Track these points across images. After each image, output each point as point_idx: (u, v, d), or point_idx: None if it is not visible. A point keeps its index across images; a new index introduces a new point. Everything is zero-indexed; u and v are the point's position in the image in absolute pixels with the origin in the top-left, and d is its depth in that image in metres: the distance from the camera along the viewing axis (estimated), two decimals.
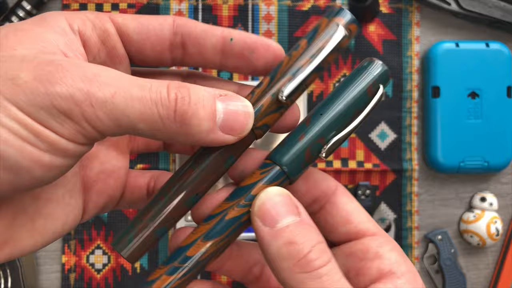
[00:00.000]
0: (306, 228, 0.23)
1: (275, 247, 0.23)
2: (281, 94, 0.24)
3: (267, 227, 0.23)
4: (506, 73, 0.55)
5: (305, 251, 0.22)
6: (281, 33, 0.56)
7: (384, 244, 0.26)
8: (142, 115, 0.20)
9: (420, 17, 0.57)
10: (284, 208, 0.23)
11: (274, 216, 0.23)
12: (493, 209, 0.56)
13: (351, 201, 0.27)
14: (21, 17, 0.53)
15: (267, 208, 0.23)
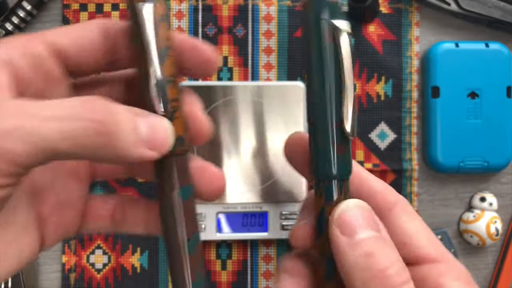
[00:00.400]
0: (385, 244, 0.22)
1: (352, 257, 0.22)
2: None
3: (345, 237, 0.22)
4: (506, 73, 0.55)
5: (385, 264, 0.22)
6: (281, 33, 0.56)
7: (447, 273, 0.24)
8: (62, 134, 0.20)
9: (420, 17, 0.57)
10: (365, 221, 0.23)
11: (354, 226, 0.23)
12: (493, 209, 0.56)
13: (411, 220, 0.25)
14: (21, 17, 0.53)
15: (347, 217, 0.23)
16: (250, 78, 0.56)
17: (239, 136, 0.54)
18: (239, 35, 0.56)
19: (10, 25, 0.53)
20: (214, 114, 0.53)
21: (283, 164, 0.54)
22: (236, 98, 0.54)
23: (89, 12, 0.55)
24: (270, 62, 0.56)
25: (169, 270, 0.24)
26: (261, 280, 0.56)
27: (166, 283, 0.55)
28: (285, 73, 0.56)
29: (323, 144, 0.24)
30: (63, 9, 0.55)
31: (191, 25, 0.55)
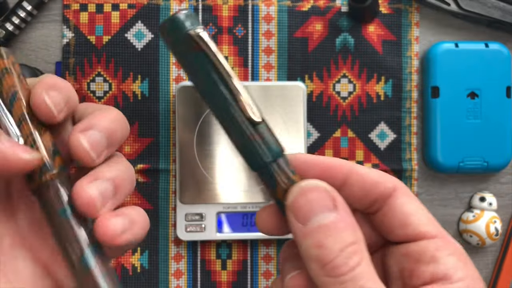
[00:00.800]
0: (338, 228, 0.22)
1: (304, 247, 0.23)
2: None
3: (299, 223, 0.23)
4: (506, 73, 0.56)
5: (331, 256, 0.22)
6: (281, 33, 0.56)
7: (443, 248, 0.25)
8: None
9: (419, 18, 0.57)
10: (318, 204, 0.23)
11: (307, 213, 0.23)
12: (493, 209, 0.56)
13: (410, 202, 0.26)
14: (21, 17, 0.53)
15: (299, 204, 0.23)
16: (250, 78, 0.56)
17: None
18: (239, 35, 0.56)
19: (10, 25, 0.53)
20: None
21: None
22: None
23: (89, 12, 0.55)
24: (270, 62, 0.56)
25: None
26: (261, 280, 0.56)
27: (166, 283, 0.55)
28: (285, 73, 0.56)
29: (239, 139, 0.25)
30: (63, 9, 0.55)
31: None
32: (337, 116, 0.56)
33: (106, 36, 0.55)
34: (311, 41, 0.56)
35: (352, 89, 0.56)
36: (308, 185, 0.23)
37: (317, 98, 0.56)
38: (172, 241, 0.55)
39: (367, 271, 0.23)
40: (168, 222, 0.55)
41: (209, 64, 0.24)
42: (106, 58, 0.55)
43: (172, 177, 0.55)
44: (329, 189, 0.23)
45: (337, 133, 0.56)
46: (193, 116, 0.54)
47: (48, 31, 0.55)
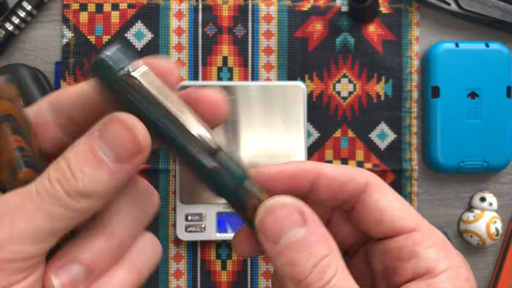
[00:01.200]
0: (309, 243, 0.22)
1: (278, 265, 0.22)
2: None
3: (270, 243, 0.22)
4: (506, 73, 0.55)
5: (305, 273, 0.22)
6: (281, 33, 0.56)
7: (422, 241, 0.24)
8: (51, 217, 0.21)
9: (420, 17, 0.57)
10: (286, 221, 0.22)
11: (276, 231, 0.22)
12: (493, 209, 0.56)
13: (383, 197, 0.25)
14: (21, 17, 0.53)
15: (268, 223, 0.22)
16: (250, 78, 0.56)
17: (239, 136, 0.54)
18: (239, 35, 0.56)
19: (10, 25, 0.53)
20: None
21: None
22: (236, 98, 0.54)
23: (89, 12, 0.55)
24: (270, 62, 0.56)
25: None
26: (261, 280, 0.56)
27: (166, 283, 0.55)
28: (285, 73, 0.56)
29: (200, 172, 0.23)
30: (63, 9, 0.55)
31: (191, 25, 0.55)
32: (337, 116, 0.56)
33: (106, 36, 0.55)
34: (311, 41, 0.56)
35: (352, 89, 0.56)
36: (274, 203, 0.23)
37: (317, 98, 0.56)
38: (172, 241, 0.55)
39: (343, 280, 0.22)
40: (168, 222, 0.55)
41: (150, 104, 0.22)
42: None
43: (172, 177, 0.55)
44: (295, 204, 0.23)
45: (337, 133, 0.56)
46: None
47: (48, 31, 0.55)
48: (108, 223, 0.23)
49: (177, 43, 0.55)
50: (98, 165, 0.21)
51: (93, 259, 0.23)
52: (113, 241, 0.23)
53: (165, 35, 0.55)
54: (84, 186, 0.21)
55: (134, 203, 0.24)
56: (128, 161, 0.21)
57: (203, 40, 0.56)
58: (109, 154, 0.21)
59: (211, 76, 0.56)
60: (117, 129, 0.21)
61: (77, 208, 0.21)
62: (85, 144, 0.21)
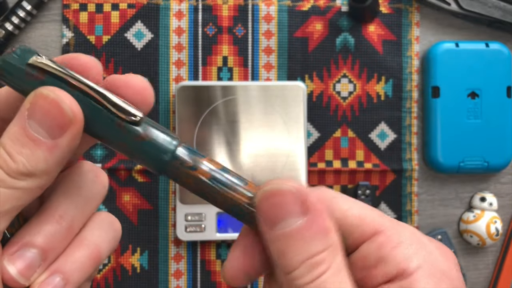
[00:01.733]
0: (304, 237, 0.21)
1: (270, 250, 0.22)
2: None
3: (267, 226, 0.22)
4: (506, 73, 0.55)
5: (292, 267, 0.21)
6: (281, 33, 0.56)
7: (386, 243, 0.22)
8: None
9: (420, 17, 0.57)
10: (286, 209, 0.21)
11: (274, 217, 0.21)
12: (493, 209, 0.56)
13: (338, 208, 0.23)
14: (21, 17, 0.53)
15: (267, 207, 0.22)
16: (250, 78, 0.56)
17: (239, 136, 0.54)
18: (239, 35, 0.56)
19: (10, 25, 0.53)
20: (214, 114, 0.53)
21: (283, 164, 0.54)
22: (236, 98, 0.54)
23: (88, 12, 0.55)
24: (270, 62, 0.56)
25: None
26: (261, 280, 0.56)
27: (166, 283, 0.55)
28: (285, 73, 0.56)
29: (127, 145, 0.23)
30: (63, 9, 0.55)
31: (191, 25, 0.55)
32: (337, 116, 0.56)
33: (106, 36, 0.55)
34: (311, 41, 0.56)
35: (352, 89, 0.56)
36: (279, 186, 0.22)
37: (317, 98, 0.56)
38: (172, 241, 0.55)
39: (334, 277, 0.21)
40: (168, 222, 0.55)
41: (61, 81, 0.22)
42: (106, 58, 0.55)
43: None
44: (301, 191, 0.21)
45: (337, 133, 0.56)
46: (193, 116, 0.53)
47: (47, 31, 0.55)
48: (56, 206, 0.23)
49: (177, 43, 0.55)
50: (33, 144, 0.21)
51: (46, 241, 0.23)
52: (63, 222, 0.23)
53: (165, 35, 0.55)
54: (25, 167, 0.21)
55: (79, 184, 0.24)
56: (62, 134, 0.21)
57: (203, 40, 0.56)
58: (41, 132, 0.21)
59: (211, 76, 0.56)
60: (43, 105, 0.21)
61: (23, 187, 0.21)
62: (17, 125, 0.21)
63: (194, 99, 0.53)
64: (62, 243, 0.23)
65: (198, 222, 0.54)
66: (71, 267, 0.23)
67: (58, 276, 0.23)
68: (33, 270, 0.22)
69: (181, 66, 0.55)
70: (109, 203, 0.55)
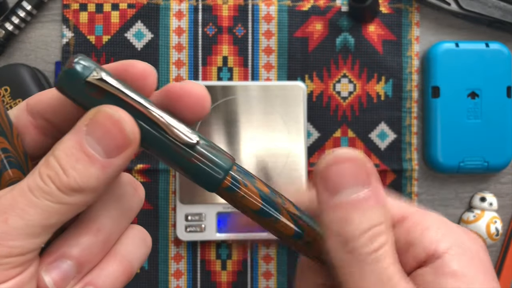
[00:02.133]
0: (369, 205, 0.21)
1: (329, 219, 0.22)
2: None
3: (328, 193, 0.22)
4: (506, 73, 0.55)
5: (357, 233, 0.21)
6: (281, 33, 0.56)
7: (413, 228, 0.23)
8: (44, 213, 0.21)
9: (420, 17, 0.57)
10: (351, 177, 0.21)
11: (337, 184, 0.21)
12: (493, 209, 0.56)
13: None
14: (21, 17, 0.53)
15: (331, 173, 0.22)
16: (250, 78, 0.56)
17: (239, 136, 0.54)
18: (239, 35, 0.56)
19: (10, 25, 0.53)
20: (214, 114, 0.53)
21: (283, 164, 0.54)
22: (236, 98, 0.54)
23: (88, 12, 0.55)
24: (270, 62, 0.56)
25: None
26: (261, 280, 0.56)
27: (166, 283, 0.55)
28: (285, 73, 0.56)
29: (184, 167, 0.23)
30: (63, 9, 0.55)
31: (191, 25, 0.55)
32: (337, 116, 0.56)
33: (106, 36, 0.55)
34: (311, 41, 0.56)
35: (352, 89, 0.56)
36: (344, 154, 0.22)
37: (317, 98, 0.56)
38: (172, 241, 0.55)
39: (390, 254, 0.21)
40: (168, 222, 0.55)
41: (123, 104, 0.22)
42: (106, 58, 0.55)
43: (172, 177, 0.55)
44: (364, 160, 0.22)
45: (337, 133, 0.56)
46: None
47: (47, 31, 0.55)
48: (94, 218, 0.23)
49: (177, 43, 0.55)
50: (88, 161, 0.21)
51: (82, 253, 0.23)
52: (101, 235, 0.23)
53: (165, 35, 0.55)
54: (76, 182, 0.21)
55: (119, 197, 0.24)
56: (118, 154, 0.21)
57: (203, 40, 0.56)
58: (98, 149, 0.21)
59: (211, 76, 0.56)
60: (104, 123, 0.21)
61: (70, 203, 0.21)
62: (73, 140, 0.21)
63: None
64: (97, 256, 0.24)
65: (198, 222, 0.54)
66: (104, 281, 0.24)
67: None
68: (67, 282, 0.23)
69: (181, 66, 0.55)
70: None
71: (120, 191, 0.24)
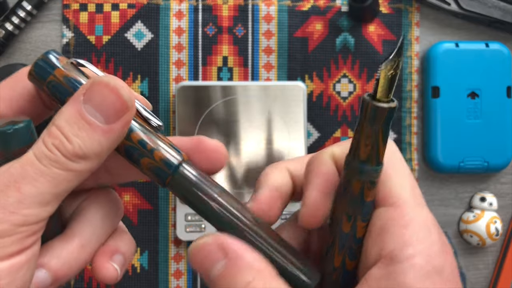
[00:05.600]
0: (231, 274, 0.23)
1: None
2: None
3: (204, 278, 0.24)
4: (506, 73, 0.55)
5: None
6: (281, 33, 0.56)
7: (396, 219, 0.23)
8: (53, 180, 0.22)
9: (420, 17, 0.57)
10: (207, 260, 0.23)
11: (203, 272, 0.24)
12: (493, 209, 0.56)
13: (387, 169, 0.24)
14: (21, 17, 0.53)
15: (195, 268, 0.24)
16: (250, 78, 0.56)
17: (239, 136, 0.54)
18: (239, 35, 0.56)
19: (10, 25, 0.53)
20: (214, 114, 0.53)
21: None
22: (236, 98, 0.54)
23: (89, 12, 0.55)
24: (270, 62, 0.56)
25: None
26: None
27: (166, 283, 0.55)
28: (285, 73, 0.56)
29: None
30: (63, 9, 0.55)
31: (191, 25, 0.55)
32: (337, 116, 0.56)
33: (106, 36, 0.55)
34: (311, 41, 0.56)
35: (352, 89, 0.56)
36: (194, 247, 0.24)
37: (317, 98, 0.56)
38: (172, 241, 0.55)
39: None
40: (168, 222, 0.55)
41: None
42: (106, 58, 0.55)
43: None
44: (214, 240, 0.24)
45: (337, 133, 0.56)
46: (193, 115, 0.53)
47: (47, 31, 0.55)
48: (80, 231, 0.25)
49: (177, 43, 0.55)
50: (90, 128, 0.22)
51: (60, 266, 0.24)
52: (83, 253, 0.25)
53: (165, 35, 0.55)
54: (81, 149, 0.22)
55: (104, 215, 0.26)
56: (118, 119, 0.22)
57: (203, 40, 0.56)
58: (98, 116, 0.22)
59: (211, 76, 0.56)
60: (101, 91, 0.22)
61: (77, 169, 0.22)
62: (73, 109, 0.22)
63: (194, 99, 0.53)
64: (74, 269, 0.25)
65: (198, 222, 0.54)
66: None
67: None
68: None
69: (181, 66, 0.55)
70: None
71: (106, 210, 0.26)
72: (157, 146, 0.24)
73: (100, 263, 0.25)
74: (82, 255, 0.24)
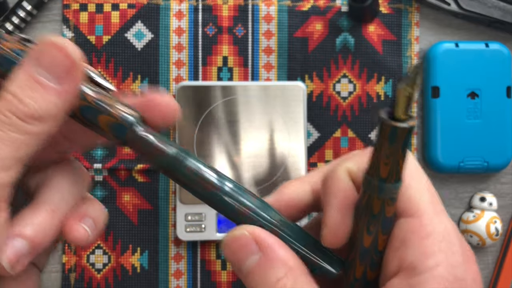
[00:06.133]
0: (264, 268, 0.24)
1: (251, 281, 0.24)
2: None
3: (235, 270, 0.25)
4: (506, 73, 0.55)
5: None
6: (281, 33, 0.56)
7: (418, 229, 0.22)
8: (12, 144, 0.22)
9: (419, 17, 0.57)
10: (242, 253, 0.24)
11: (236, 263, 0.24)
12: (493, 209, 0.56)
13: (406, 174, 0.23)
14: (21, 17, 0.53)
15: (228, 257, 0.25)
16: (250, 78, 0.56)
17: (239, 136, 0.54)
18: (239, 35, 0.56)
19: (10, 25, 0.53)
20: (214, 114, 0.53)
21: (283, 164, 0.54)
22: (236, 98, 0.54)
23: (89, 12, 0.55)
24: (270, 62, 0.56)
25: None
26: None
27: (166, 283, 0.55)
28: (285, 73, 0.56)
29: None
30: (63, 9, 0.55)
31: (191, 25, 0.56)
32: (337, 116, 0.56)
33: (106, 36, 0.55)
34: (311, 41, 0.56)
35: (352, 89, 0.56)
36: (228, 237, 0.25)
37: (317, 98, 0.56)
38: (172, 241, 0.55)
39: None
40: (168, 222, 0.55)
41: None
42: (106, 58, 0.55)
43: None
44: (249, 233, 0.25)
45: (337, 133, 0.56)
46: (193, 116, 0.53)
47: (47, 31, 0.55)
48: (48, 198, 0.25)
49: (177, 43, 0.55)
50: (42, 89, 0.22)
51: (35, 233, 0.24)
52: (54, 214, 0.25)
53: (165, 35, 0.55)
54: (36, 110, 0.22)
55: (70, 180, 0.26)
56: (69, 77, 0.23)
57: (203, 40, 0.56)
58: (49, 77, 0.23)
59: (211, 76, 0.56)
60: (50, 52, 0.23)
61: (34, 132, 0.22)
62: (24, 73, 0.23)
63: (194, 99, 0.53)
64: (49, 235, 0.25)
65: (198, 222, 0.54)
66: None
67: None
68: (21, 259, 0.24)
69: (181, 66, 0.55)
70: (109, 203, 0.55)
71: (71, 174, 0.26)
72: (113, 103, 0.24)
73: (70, 225, 0.25)
74: (54, 220, 0.25)
